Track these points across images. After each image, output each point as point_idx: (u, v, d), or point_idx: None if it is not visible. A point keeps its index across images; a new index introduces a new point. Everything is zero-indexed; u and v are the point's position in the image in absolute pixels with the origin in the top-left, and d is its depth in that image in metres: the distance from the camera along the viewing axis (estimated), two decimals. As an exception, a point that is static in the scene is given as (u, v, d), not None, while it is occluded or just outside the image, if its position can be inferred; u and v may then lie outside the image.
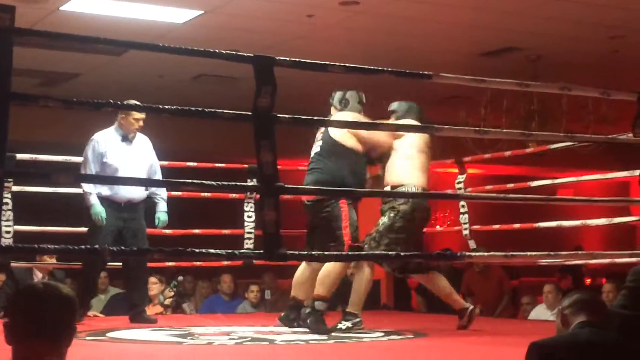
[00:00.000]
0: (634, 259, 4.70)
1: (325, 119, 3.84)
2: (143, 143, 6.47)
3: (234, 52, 3.79)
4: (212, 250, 3.41)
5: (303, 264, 5.82)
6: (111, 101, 3.65)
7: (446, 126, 4.91)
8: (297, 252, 3.62)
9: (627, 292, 3.48)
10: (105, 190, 6.21)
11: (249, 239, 7.37)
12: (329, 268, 5.49)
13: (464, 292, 9.37)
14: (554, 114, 9.45)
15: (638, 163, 5.84)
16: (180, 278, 8.38)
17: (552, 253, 4.64)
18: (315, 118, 3.91)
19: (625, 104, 4.90)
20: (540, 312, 7.88)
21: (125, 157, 6.30)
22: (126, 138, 6.36)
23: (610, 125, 8.43)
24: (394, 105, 6.03)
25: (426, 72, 4.20)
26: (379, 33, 8.37)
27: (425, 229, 5.93)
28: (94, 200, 6.15)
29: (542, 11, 7.76)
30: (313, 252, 3.85)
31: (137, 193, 6.34)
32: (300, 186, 4.00)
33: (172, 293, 8.08)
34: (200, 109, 3.65)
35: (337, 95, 5.88)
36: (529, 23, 8.11)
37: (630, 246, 4.74)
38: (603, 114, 8.94)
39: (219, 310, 8.23)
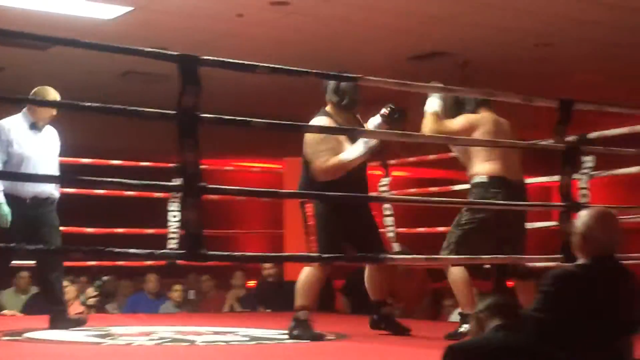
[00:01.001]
0: (552, 263, 4.77)
1: (249, 119, 3.81)
2: (52, 134, 5.96)
3: (159, 51, 3.76)
4: (131, 250, 3.37)
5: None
6: (29, 97, 3.58)
7: (369, 130, 4.94)
8: (218, 253, 3.60)
9: (542, 296, 3.53)
10: (6, 184, 5.60)
11: (173, 238, 7.31)
12: (301, 277, 5.40)
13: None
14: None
15: (559, 168, 5.93)
16: (105, 278, 8.28)
17: (472, 256, 4.68)
18: (239, 118, 3.88)
19: (548, 110, 4.98)
20: (461, 315, 7.95)
21: (35, 146, 5.76)
22: (35, 126, 5.80)
23: (534, 130, 8.55)
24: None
25: (352, 75, 4.22)
26: (309, 34, 8.37)
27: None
28: (1, 199, 5.58)
29: (470, 17, 7.84)
30: (234, 253, 3.83)
31: (45, 187, 5.73)
32: (223, 186, 3.97)
33: (96, 293, 7.99)
34: (124, 107, 3.60)
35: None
36: (457, 28, 8.19)
37: (552, 251, 4.87)
38: (528, 120, 9.06)
39: (142, 310, 8.17)
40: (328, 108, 5.42)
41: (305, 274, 5.36)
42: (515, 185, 5.27)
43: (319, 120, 5.32)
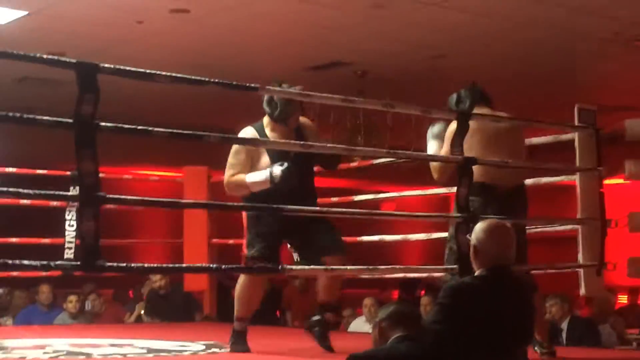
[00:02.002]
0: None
1: (150, 128, 3.76)
2: None
3: (57, 58, 3.69)
4: (25, 262, 3.30)
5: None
6: None
7: (271, 140, 4.95)
8: (114, 264, 3.55)
9: (439, 308, 3.58)
10: None
11: (70, 248, 7.17)
12: (237, 286, 5.26)
13: (285, 307, 9.46)
14: (379, 128, 9.67)
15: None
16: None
17: (370, 267, 4.72)
18: (139, 127, 3.85)
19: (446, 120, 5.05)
20: (359, 325, 8.01)
21: None
22: None
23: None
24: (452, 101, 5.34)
25: (253, 85, 4.22)
26: (209, 43, 8.35)
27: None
28: None
29: (366, 28, 7.94)
30: (131, 265, 3.77)
31: None
32: (122, 196, 3.92)
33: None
34: (20, 114, 3.52)
35: None
36: (355, 39, 8.28)
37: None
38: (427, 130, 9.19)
39: (36, 322, 7.99)
40: (264, 119, 5.23)
41: (240, 283, 5.21)
42: (501, 190, 4.99)
43: (243, 131, 5.18)
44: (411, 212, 4.82)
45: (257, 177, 4.99)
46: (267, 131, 5.16)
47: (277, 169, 4.89)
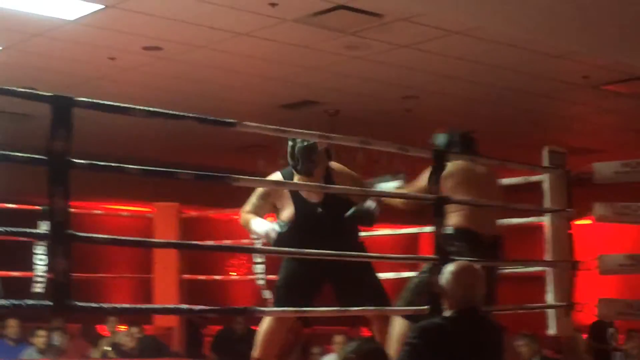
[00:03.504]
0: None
1: (123, 165, 3.77)
2: None
3: (32, 91, 3.67)
4: (-5, 299, 3.27)
5: None
6: None
7: (244, 177, 4.94)
8: (86, 304, 3.52)
9: (408, 348, 3.60)
10: None
11: (38, 282, 7.10)
12: (260, 327, 5.13)
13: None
14: (349, 167, 9.68)
15: (428, 219, 5.98)
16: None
17: (341, 309, 4.71)
18: (113, 165, 3.85)
19: (417, 160, 5.05)
20: (330, 362, 8.00)
21: None
22: None
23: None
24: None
25: (230, 120, 4.22)
26: (181, 80, 8.38)
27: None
28: None
29: (338, 67, 8.00)
30: (104, 305, 3.74)
31: None
32: (93, 235, 3.90)
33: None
34: (-9, 150, 3.50)
35: None
36: (327, 78, 8.34)
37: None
38: (396, 170, 9.22)
39: (3, 356, 7.90)
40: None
41: (264, 321, 5.09)
42: (485, 238, 5.03)
43: (273, 175, 5.09)
44: (385, 254, 4.75)
45: (259, 227, 4.90)
46: (295, 179, 5.03)
47: (274, 231, 4.79)
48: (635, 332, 8.65)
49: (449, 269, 3.80)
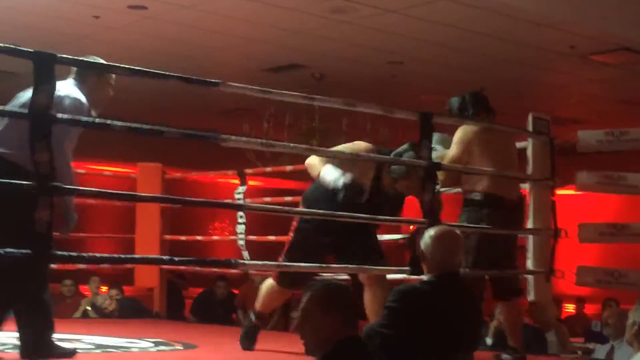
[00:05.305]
0: (400, 275, 4.83)
1: (109, 122, 3.74)
2: None
3: (14, 47, 3.66)
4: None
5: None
6: None
7: (233, 137, 4.91)
8: (66, 253, 3.53)
9: (388, 312, 3.60)
10: None
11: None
12: (263, 284, 5.23)
13: (238, 306, 9.42)
14: (334, 133, 9.69)
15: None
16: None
17: (322, 265, 4.70)
18: (97, 121, 3.84)
19: (402, 127, 5.04)
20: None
21: None
22: None
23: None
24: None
25: (213, 80, 4.20)
26: (166, 40, 8.32)
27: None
28: None
29: (324, 31, 7.96)
30: (83, 254, 3.73)
31: None
32: (77, 187, 3.90)
33: None
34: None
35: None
36: (313, 42, 8.30)
37: (400, 262, 4.92)
38: (382, 137, 9.23)
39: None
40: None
41: (269, 279, 5.15)
42: (509, 203, 5.11)
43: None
44: (377, 216, 4.68)
45: (329, 173, 4.73)
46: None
47: (341, 181, 4.64)
48: (613, 301, 8.72)
49: (430, 233, 3.81)
